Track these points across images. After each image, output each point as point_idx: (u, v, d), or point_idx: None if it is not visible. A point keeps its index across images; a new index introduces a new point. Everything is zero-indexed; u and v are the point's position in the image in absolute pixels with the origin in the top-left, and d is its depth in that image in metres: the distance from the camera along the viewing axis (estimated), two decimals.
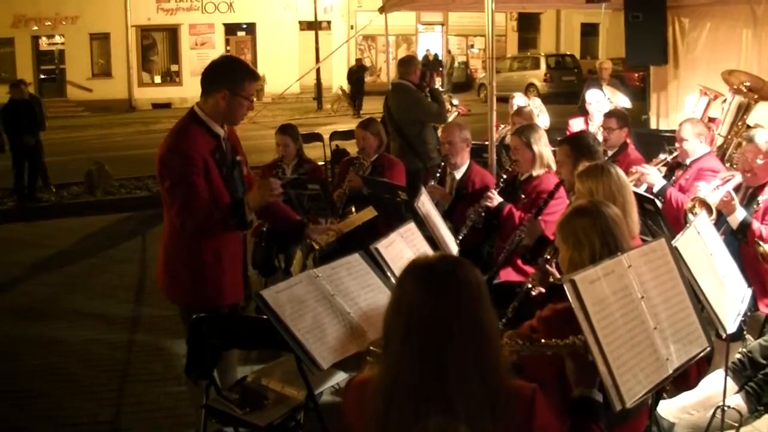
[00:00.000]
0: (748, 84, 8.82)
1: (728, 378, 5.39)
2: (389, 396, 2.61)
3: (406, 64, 10.32)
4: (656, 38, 11.77)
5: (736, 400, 5.37)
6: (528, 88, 31.08)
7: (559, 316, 3.25)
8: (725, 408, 4.87)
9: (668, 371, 3.15)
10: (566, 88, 31.28)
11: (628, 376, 2.93)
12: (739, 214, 6.02)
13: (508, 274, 6.27)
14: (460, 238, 6.48)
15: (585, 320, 2.87)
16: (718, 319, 4.07)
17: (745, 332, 5.89)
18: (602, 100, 10.39)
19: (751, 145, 6.27)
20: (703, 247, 4.36)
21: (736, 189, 6.32)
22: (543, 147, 6.59)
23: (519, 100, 10.46)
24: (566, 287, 2.89)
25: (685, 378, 3.75)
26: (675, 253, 3.74)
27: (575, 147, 5.95)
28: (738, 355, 5.64)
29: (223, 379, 5.28)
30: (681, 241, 4.02)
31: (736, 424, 5.04)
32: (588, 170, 4.84)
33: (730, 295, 4.40)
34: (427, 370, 2.57)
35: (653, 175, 7.08)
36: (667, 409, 5.34)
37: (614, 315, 2.99)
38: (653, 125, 12.18)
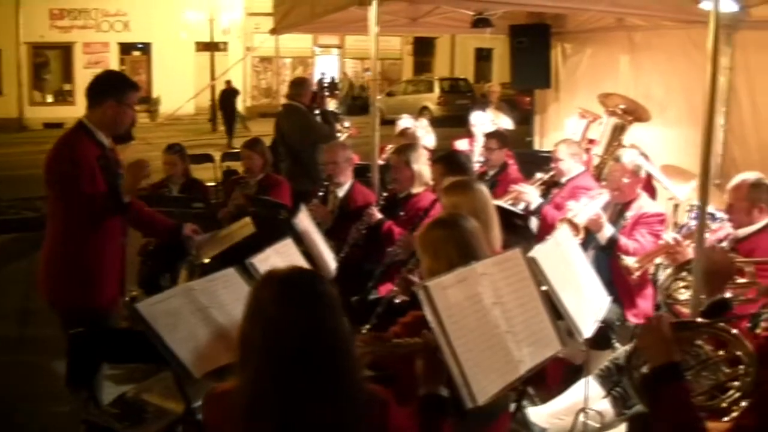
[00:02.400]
0: (623, 107, 9.19)
1: (596, 384, 5.67)
2: (249, 406, 2.70)
3: (297, 85, 10.46)
4: (540, 63, 12.16)
5: (604, 405, 5.61)
6: (422, 111, 31.55)
7: (418, 321, 3.41)
8: (587, 411, 5.09)
9: (520, 372, 3.36)
10: (460, 112, 31.51)
11: (480, 377, 3.12)
12: (607, 231, 6.35)
13: (388, 289, 6.44)
14: (342, 255, 6.66)
15: (437, 324, 3.06)
16: (574, 324, 4.30)
17: (614, 341, 6.17)
18: (486, 123, 10.67)
19: (618, 164, 6.62)
20: (563, 257, 4.60)
21: (606, 206, 6.64)
22: (422, 166, 6.81)
23: (405, 121, 10.67)
24: (419, 293, 3.08)
25: (544, 380, 3.98)
26: (533, 262, 3.98)
27: (448, 165, 6.18)
28: (606, 362, 5.89)
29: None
30: (540, 252, 4.25)
31: (597, 425, 5.25)
32: (453, 185, 5.04)
33: (588, 303, 4.66)
34: (285, 380, 2.67)
35: (530, 194, 7.40)
36: (539, 415, 5.53)
37: (467, 319, 3.18)
38: (537, 146, 12.52)
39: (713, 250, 4.23)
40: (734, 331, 3.34)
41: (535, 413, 5.54)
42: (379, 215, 6.69)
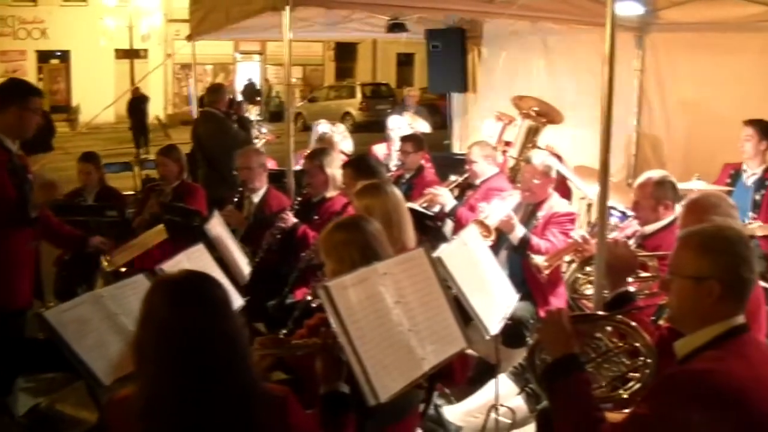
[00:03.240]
0: (536, 109, 9.30)
1: (510, 381, 5.76)
2: (146, 410, 2.70)
3: (214, 92, 10.45)
4: (456, 67, 12.27)
5: (518, 402, 5.69)
6: (344, 117, 31.62)
7: (323, 323, 3.43)
8: (499, 408, 5.15)
9: (424, 369, 3.40)
10: (382, 117, 31.55)
11: (383, 374, 3.15)
12: (518, 232, 6.45)
13: (304, 293, 6.45)
14: (257, 260, 6.66)
15: (338, 323, 3.09)
16: (481, 322, 4.36)
17: (528, 339, 6.25)
18: (403, 126, 10.72)
19: (529, 166, 6.73)
20: (469, 257, 4.67)
21: (517, 207, 6.74)
22: (336, 170, 6.84)
23: (322, 127, 10.67)
24: (320, 293, 3.10)
25: (452, 377, 4.03)
26: (438, 262, 4.03)
27: (357, 169, 6.21)
28: (520, 360, 5.97)
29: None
30: (446, 252, 4.31)
31: (509, 422, 5.32)
32: (364, 189, 5.07)
33: (495, 301, 4.73)
34: (179, 382, 2.69)
35: (445, 196, 7.47)
36: (454, 413, 5.60)
37: (369, 318, 3.21)
38: (456, 149, 12.61)
39: (615, 244, 4.30)
40: (633, 323, 3.41)
41: (451, 411, 5.61)
42: (293, 220, 6.71)
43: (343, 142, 10.05)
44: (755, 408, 2.80)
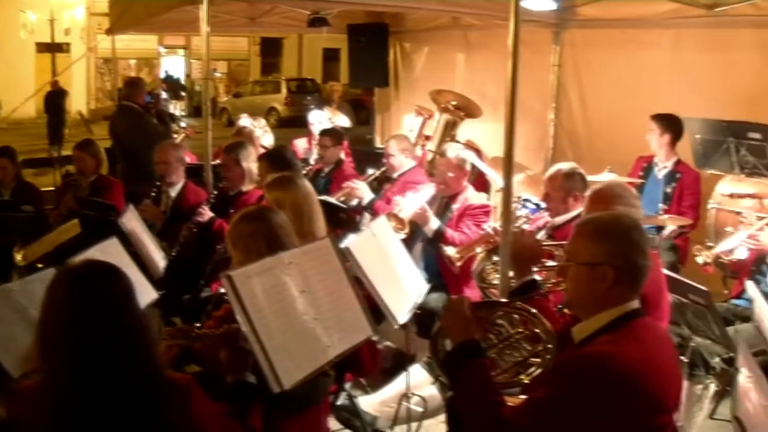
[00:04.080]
0: (454, 103, 9.42)
1: (424, 370, 5.82)
2: (49, 400, 2.72)
3: (131, 86, 10.37)
4: (378, 62, 12.33)
5: (431, 391, 5.76)
6: (269, 112, 31.49)
7: (230, 314, 3.45)
8: (410, 397, 5.22)
9: (329, 357, 3.45)
10: (307, 112, 31.49)
11: (287, 362, 3.19)
12: (433, 224, 6.54)
13: (219, 286, 6.45)
14: (174, 254, 6.65)
15: (242, 312, 3.12)
16: (389, 311, 4.42)
17: None
18: (324, 121, 10.76)
19: (443, 159, 6.82)
20: (379, 248, 4.72)
21: (432, 200, 6.82)
22: (252, 164, 6.86)
23: (244, 121, 10.66)
24: (223, 282, 3.13)
25: (361, 366, 4.08)
26: (347, 252, 4.08)
27: (272, 161, 6.24)
28: None
29: None
30: (354, 243, 4.37)
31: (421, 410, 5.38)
32: (275, 181, 5.11)
33: (404, 292, 4.79)
34: (81, 372, 2.70)
35: (362, 190, 7.53)
36: (369, 403, 5.67)
37: (273, 307, 3.25)
38: (378, 144, 12.68)
39: (520, 234, 4.39)
40: (533, 310, 3.48)
41: (366, 402, 5.67)
42: (209, 214, 6.71)
43: (264, 137, 10.04)
44: (647, 389, 2.90)
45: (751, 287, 4.63)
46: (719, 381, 5.49)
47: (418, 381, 5.57)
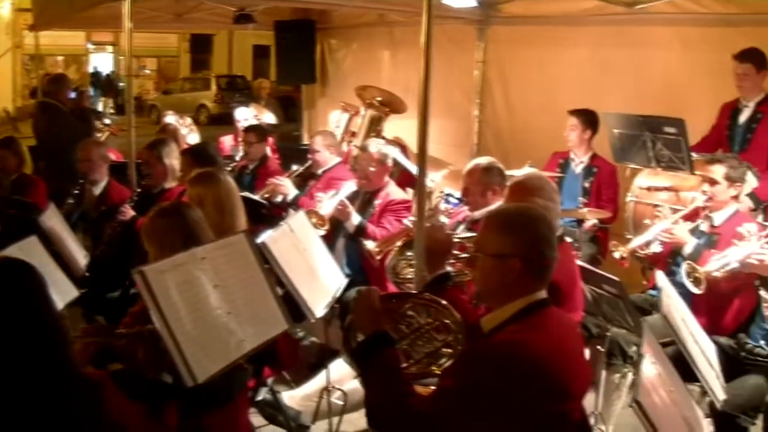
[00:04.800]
0: (379, 99, 9.48)
1: (347, 364, 5.85)
2: None
3: (53, 82, 10.28)
4: (305, 59, 12.38)
5: (354, 384, 5.79)
6: (199, 109, 31.29)
7: (146, 310, 3.47)
8: (330, 390, 5.26)
9: (244, 350, 3.48)
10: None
11: (200, 356, 3.22)
12: (354, 219, 6.59)
13: None
14: (98, 252, 6.62)
15: (155, 307, 3.14)
16: (306, 305, 4.47)
17: None
18: (250, 118, 10.75)
19: (365, 153, 6.88)
20: (296, 243, 4.77)
21: (354, 195, 6.87)
22: (174, 161, 6.84)
23: (169, 118, 10.64)
24: (136, 278, 3.15)
25: (278, 359, 4.11)
26: (263, 247, 4.12)
27: (194, 157, 6.25)
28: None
29: None
30: (270, 238, 4.41)
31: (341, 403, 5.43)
32: (197, 177, 5.13)
33: (322, 286, 4.85)
34: None
35: (287, 186, 7.56)
36: (292, 398, 5.67)
37: (186, 301, 3.28)
38: (306, 140, 12.70)
39: (432, 228, 4.44)
40: (443, 301, 3.54)
41: (289, 397, 5.68)
42: (132, 212, 6.69)
43: (189, 135, 10.03)
44: (552, 376, 2.97)
45: (660, 277, 4.72)
46: (636, 370, 5.60)
47: (341, 375, 5.60)
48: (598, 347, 5.90)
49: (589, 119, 7.66)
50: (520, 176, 5.30)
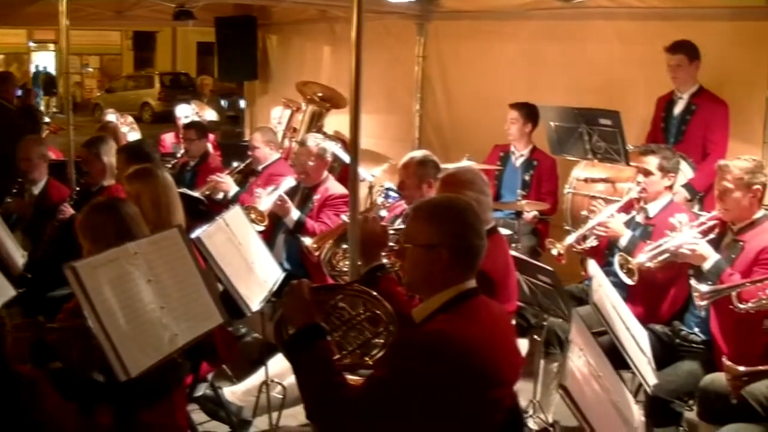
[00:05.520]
0: (320, 94, 9.53)
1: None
2: None
3: (1, 81, 10.16)
4: (247, 55, 12.36)
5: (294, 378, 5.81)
6: (143, 107, 31.06)
7: (79, 306, 3.46)
8: (269, 384, 5.28)
9: (178, 345, 3.49)
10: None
11: (134, 350, 3.22)
12: (293, 215, 6.61)
13: None
14: (39, 252, 6.58)
15: (86, 302, 3.14)
16: (241, 299, 4.49)
17: None
18: (191, 115, 10.74)
19: (303, 148, 6.90)
20: (231, 237, 4.79)
21: (293, 191, 6.89)
22: (113, 158, 6.81)
23: (110, 116, 10.59)
24: (67, 274, 3.14)
25: (215, 354, 4.12)
26: (198, 242, 4.14)
27: (130, 154, 6.24)
28: None
29: None
30: (205, 233, 4.43)
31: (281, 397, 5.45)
32: (133, 174, 5.12)
33: (258, 280, 4.87)
34: None
35: (228, 183, 7.57)
36: (233, 393, 5.68)
37: (119, 296, 3.27)
38: (247, 137, 12.69)
39: (365, 221, 4.47)
40: (374, 293, 3.57)
41: (230, 392, 5.69)
42: (71, 211, 6.65)
43: (130, 133, 9.98)
44: (481, 364, 3.02)
45: (592, 266, 4.80)
46: (564, 356, 5.68)
47: (282, 369, 5.60)
48: (535, 337, 5.98)
49: (529, 112, 7.75)
50: (451, 169, 5.35)
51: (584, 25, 8.57)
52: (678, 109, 7.28)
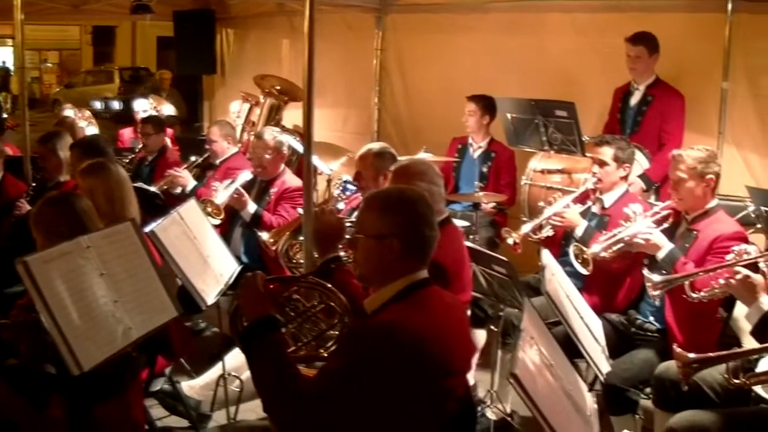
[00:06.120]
0: (278, 87, 9.51)
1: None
2: None
3: None
4: (205, 49, 12.31)
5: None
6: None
7: (32, 302, 3.44)
8: (226, 378, 5.29)
9: (131, 338, 3.49)
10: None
11: (87, 344, 3.22)
12: (250, 208, 6.63)
13: None
14: None
15: (38, 296, 3.13)
16: (196, 292, 4.49)
17: None
18: (149, 109, 10.69)
19: (260, 141, 6.90)
20: (186, 231, 4.79)
21: (250, 184, 6.90)
22: (69, 153, 6.78)
23: (67, 111, 10.51)
24: (18, 269, 3.14)
25: (170, 348, 4.12)
26: (152, 236, 4.13)
27: (83, 150, 6.21)
28: None
29: None
30: (159, 226, 4.42)
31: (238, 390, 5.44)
32: (86, 168, 5.10)
33: (214, 273, 4.87)
34: None
35: (185, 177, 7.56)
36: (192, 388, 5.67)
37: (71, 290, 3.28)
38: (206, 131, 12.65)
39: (321, 213, 4.48)
40: (328, 285, 3.58)
41: (188, 386, 5.68)
42: (28, 207, 6.61)
43: (88, 128, 9.91)
44: (433, 354, 3.04)
45: (545, 255, 4.82)
46: (515, 345, 5.71)
47: (240, 363, 5.60)
48: (492, 327, 6.02)
49: (487, 104, 7.78)
50: (404, 161, 5.37)
51: (542, 17, 8.63)
52: (634, 100, 7.36)
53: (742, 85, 7.51)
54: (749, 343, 4.48)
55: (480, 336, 6.33)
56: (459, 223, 6.93)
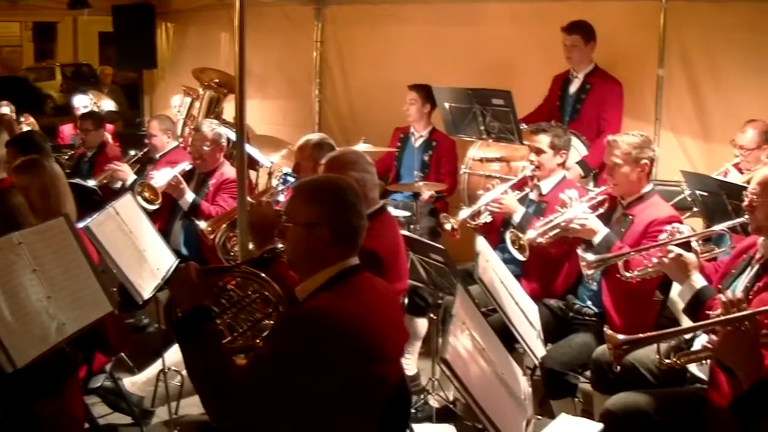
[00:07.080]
0: (217, 80, 9.53)
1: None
2: None
3: None
4: (145, 43, 12.22)
5: None
6: (45, 100, 30.45)
7: None
8: (166, 372, 5.28)
9: (66, 334, 3.49)
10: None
11: (20, 341, 3.22)
12: (188, 197, 6.64)
13: None
14: None
15: None
16: (133, 287, 4.49)
17: None
18: (89, 105, 10.62)
19: (199, 133, 6.93)
20: (121, 225, 4.79)
21: (190, 176, 6.90)
22: (4, 151, 6.72)
23: (4, 109, 10.42)
24: None
25: (107, 344, 4.11)
26: (87, 231, 4.12)
27: (19, 146, 6.17)
28: None
29: None
30: (94, 221, 4.42)
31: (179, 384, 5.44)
32: (20, 165, 5.06)
33: (151, 268, 4.88)
34: None
35: (125, 171, 7.52)
36: (134, 384, 5.62)
37: (3, 287, 3.29)
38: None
39: (257, 204, 4.49)
40: (263, 275, 3.59)
41: (131, 383, 5.65)
42: None
43: (25, 126, 9.85)
44: (364, 340, 3.07)
45: (479, 242, 4.84)
46: (445, 330, 5.76)
47: (182, 358, 5.60)
48: (432, 315, 6.06)
49: (428, 93, 7.80)
50: (335, 152, 5.39)
51: (481, 7, 8.71)
52: (573, 87, 7.46)
53: (678, 71, 7.64)
54: (687, 324, 4.55)
55: (422, 324, 6.39)
56: (400, 212, 6.99)
